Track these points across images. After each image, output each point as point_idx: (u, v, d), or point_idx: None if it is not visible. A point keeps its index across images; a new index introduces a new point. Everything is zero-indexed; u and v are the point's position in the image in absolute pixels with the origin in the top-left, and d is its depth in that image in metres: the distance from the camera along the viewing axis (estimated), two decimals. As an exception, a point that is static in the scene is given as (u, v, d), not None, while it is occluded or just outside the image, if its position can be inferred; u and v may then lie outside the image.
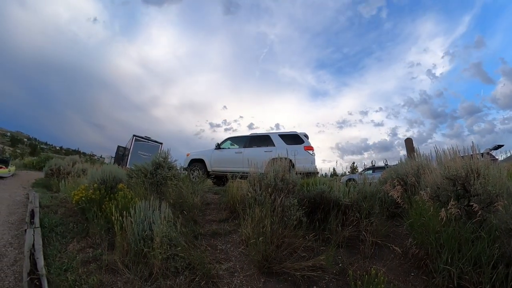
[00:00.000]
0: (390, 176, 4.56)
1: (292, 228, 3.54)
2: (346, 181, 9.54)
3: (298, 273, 2.89)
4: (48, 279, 2.90)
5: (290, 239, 3.40)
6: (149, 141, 16.78)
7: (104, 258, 3.27)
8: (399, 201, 3.77)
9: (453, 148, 3.33)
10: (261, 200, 4.01)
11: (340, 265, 3.11)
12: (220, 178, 8.90)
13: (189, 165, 9.27)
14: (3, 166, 10.30)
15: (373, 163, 15.42)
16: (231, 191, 5.01)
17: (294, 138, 8.05)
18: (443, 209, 2.75)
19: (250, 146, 8.58)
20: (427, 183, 3.30)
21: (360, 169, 21.57)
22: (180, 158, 8.37)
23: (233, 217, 4.51)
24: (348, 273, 2.75)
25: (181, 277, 2.89)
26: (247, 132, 8.42)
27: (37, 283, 2.81)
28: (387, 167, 8.67)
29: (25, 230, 4.07)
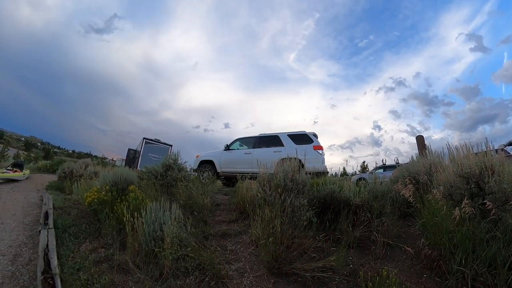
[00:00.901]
0: (401, 174, 4.50)
1: (302, 229, 3.53)
2: (357, 180, 9.44)
3: (308, 274, 2.87)
4: (61, 278, 3.00)
5: (300, 240, 3.39)
6: (159, 144, 17.08)
7: (115, 258, 3.35)
8: (411, 200, 3.71)
9: (465, 144, 3.26)
10: (270, 200, 4.02)
11: (351, 266, 3.09)
12: (230, 179, 8.96)
13: (198, 166, 9.36)
14: (18, 170, 10.63)
15: (384, 161, 15.24)
16: (241, 191, 5.04)
17: (303, 138, 8.04)
18: (456, 208, 2.69)
19: (259, 146, 8.60)
20: (440, 182, 3.24)
21: (370, 168, 21.33)
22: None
23: (243, 217, 4.54)
24: (359, 274, 2.71)
25: (191, 277, 2.92)
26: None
27: (51, 281, 2.91)
28: (398, 165, 8.56)
29: (39, 231, 4.23)
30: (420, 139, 6.04)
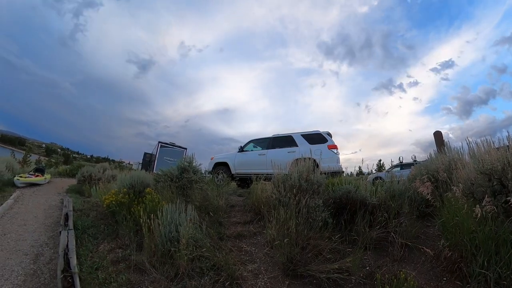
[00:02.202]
0: (419, 172, 4.38)
1: (318, 230, 3.53)
2: (373, 179, 9.26)
3: (324, 276, 2.86)
4: (80, 276, 3.15)
5: (316, 241, 3.38)
6: (174, 147, 17.45)
7: (132, 258, 3.46)
8: (430, 199, 3.59)
9: (486, 139, 3.15)
10: (285, 201, 4.03)
11: (368, 268, 3.05)
12: (244, 181, 9.01)
13: (213, 168, 9.45)
14: (40, 174, 11.08)
15: (401, 159, 14.73)
16: (256, 193, 5.07)
17: (317, 138, 7.99)
18: (477, 206, 2.59)
19: (273, 147, 8.60)
20: (460, 179, 3.15)
21: (387, 167, 20.83)
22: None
23: (258, 219, 4.56)
24: (375, 276, 2.67)
25: (206, 277, 2.97)
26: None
27: (70, 280, 3.07)
28: (416, 163, 8.32)
29: (60, 232, 4.43)
30: (438, 135, 5.84)
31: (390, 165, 12.58)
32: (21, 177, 9.76)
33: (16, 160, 15.58)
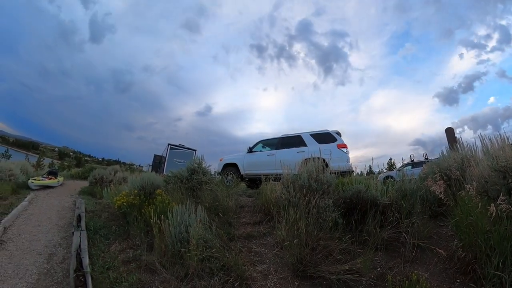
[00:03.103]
0: (431, 171, 4.30)
1: (328, 230, 3.51)
2: (384, 178, 9.14)
3: (334, 277, 2.85)
4: (92, 276, 3.24)
5: (326, 242, 3.37)
6: (183, 149, 17.71)
7: (143, 259, 3.54)
8: (443, 198, 3.53)
9: (500, 135, 3.09)
10: (295, 201, 4.04)
11: (379, 269, 3.02)
12: (254, 181, 9.04)
13: (222, 169, 9.52)
14: (53, 177, 11.43)
15: (412, 158, 14.37)
16: (265, 193, 5.09)
17: (326, 137, 7.97)
18: (492, 204, 2.53)
19: (282, 147, 8.62)
20: (473, 177, 3.09)
21: (398, 165, 20.39)
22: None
23: (268, 219, 4.56)
24: (387, 278, 2.66)
25: (216, 278, 3.00)
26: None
27: (82, 279, 3.17)
28: (428, 161, 8.16)
29: (73, 232, 4.57)
30: (449, 132, 5.68)
31: (401, 163, 12.27)
32: (35, 179, 10.09)
33: (30, 164, 16.17)
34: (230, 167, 9.40)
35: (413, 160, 14.11)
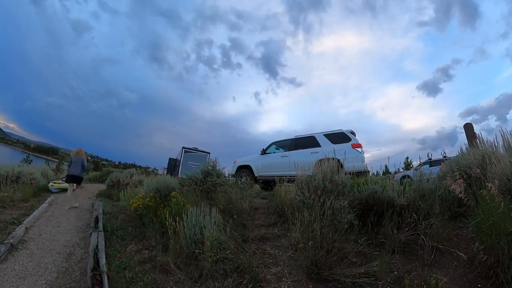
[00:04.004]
0: (450, 169, 4.12)
1: (343, 232, 3.46)
2: (401, 178, 8.93)
3: (349, 280, 2.81)
4: (108, 275, 3.40)
5: (341, 244, 3.33)
6: (197, 151, 18.02)
7: (158, 259, 3.65)
8: (463, 198, 3.36)
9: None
10: (309, 203, 4.02)
11: (396, 272, 2.95)
12: (268, 183, 9.07)
13: (236, 171, 9.60)
14: None
15: (430, 156, 13.79)
16: (279, 195, 5.09)
17: (340, 137, 7.88)
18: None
19: (295, 148, 8.59)
20: (495, 175, 2.98)
21: (415, 164, 19.69)
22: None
23: (282, 221, 4.56)
24: (404, 282, 2.60)
25: (229, 279, 3.04)
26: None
27: (99, 278, 3.32)
28: (446, 159, 7.89)
29: (91, 233, 4.78)
30: (468, 127, 5.44)
31: (418, 162, 11.82)
32: (55, 183, 10.51)
33: (50, 168, 16.79)
34: (244, 169, 9.47)
35: (430, 159, 13.58)
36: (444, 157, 11.47)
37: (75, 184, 8.20)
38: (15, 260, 3.88)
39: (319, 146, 8.01)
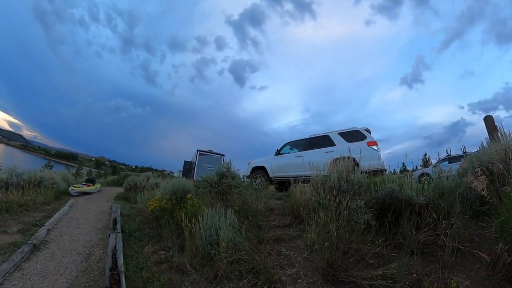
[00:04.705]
0: (470, 165, 3.94)
1: (360, 233, 3.43)
2: (419, 176, 8.68)
3: (366, 283, 2.76)
4: (125, 275, 3.52)
5: (358, 245, 3.29)
6: (212, 154, 18.36)
7: (174, 260, 3.74)
8: (485, 195, 3.21)
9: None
10: (325, 203, 4.00)
11: (414, 275, 2.87)
12: (283, 184, 9.05)
13: (251, 173, 9.66)
14: (91, 184, 12.33)
15: (449, 152, 13.22)
16: (294, 195, 5.08)
17: (355, 135, 7.79)
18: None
19: (309, 148, 8.56)
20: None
21: (433, 161, 18.94)
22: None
23: (297, 222, 4.56)
24: (423, 285, 2.55)
25: (244, 280, 3.08)
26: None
27: (117, 277, 3.43)
28: (466, 155, 7.60)
29: (109, 235, 4.96)
30: (489, 120, 5.19)
31: (437, 159, 11.35)
32: (75, 187, 10.92)
33: (70, 173, 17.50)
34: (259, 170, 9.52)
35: (450, 155, 13.04)
36: (464, 152, 11.06)
37: None
38: (37, 259, 4.06)
39: (334, 145, 7.95)
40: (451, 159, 12.52)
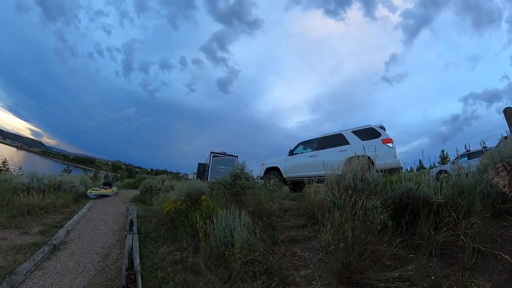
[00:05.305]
0: (491, 161, 3.78)
1: (376, 234, 3.37)
2: (437, 173, 8.40)
3: (383, 285, 2.73)
4: (141, 275, 3.64)
5: (374, 246, 3.24)
6: (225, 156, 18.60)
7: (189, 260, 3.82)
8: (507, 192, 3.07)
9: None
10: (340, 203, 3.96)
11: (433, 277, 2.80)
12: (297, 184, 9.02)
13: (265, 173, 9.65)
14: (108, 187, 12.69)
15: (468, 147, 12.65)
16: (309, 196, 5.07)
17: (369, 132, 7.67)
18: None
19: (323, 147, 8.49)
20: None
21: (451, 157, 18.21)
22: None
23: (312, 223, 4.53)
24: (442, 287, 2.50)
25: (259, 281, 3.10)
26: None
27: (133, 277, 3.54)
28: (486, 149, 7.30)
29: (126, 236, 5.11)
30: (508, 112, 4.95)
31: (456, 155, 10.85)
32: (92, 190, 11.28)
33: (88, 177, 18.07)
34: (272, 171, 9.51)
35: (469, 150, 12.51)
36: (484, 147, 10.65)
37: None
38: (57, 259, 4.26)
39: (348, 143, 7.85)
40: (470, 154, 12.03)
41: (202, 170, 20.11)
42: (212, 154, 18.07)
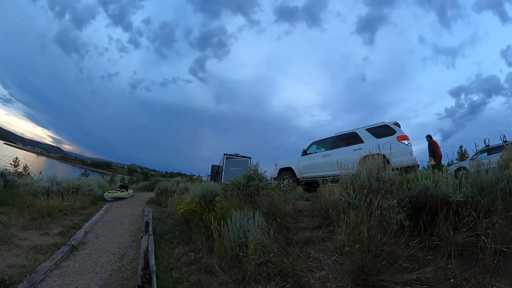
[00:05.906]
0: None
1: (392, 234, 3.30)
2: (455, 170, 8.14)
3: (399, 287, 2.67)
4: (157, 275, 3.73)
5: (390, 247, 3.18)
6: (238, 157, 18.79)
7: (203, 261, 3.88)
8: None
9: None
10: (355, 203, 3.90)
11: (452, 280, 2.71)
12: (311, 184, 8.89)
13: (278, 174, 9.65)
14: (124, 190, 13.04)
15: (487, 142, 12.12)
16: (323, 196, 5.04)
17: (384, 130, 7.54)
18: None
19: (337, 147, 8.42)
20: None
21: (471, 153, 17.48)
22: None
23: (327, 223, 4.49)
24: (462, 291, 2.42)
25: (272, 283, 3.11)
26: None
27: (148, 277, 3.64)
28: (507, 144, 7.01)
29: (141, 237, 5.27)
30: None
31: (475, 150, 10.40)
32: (109, 192, 11.61)
33: (105, 180, 18.56)
34: (286, 172, 9.51)
35: (488, 145, 12.04)
36: (504, 141, 10.25)
37: None
38: (75, 259, 4.42)
39: (362, 142, 7.75)
40: (490, 150, 11.57)
41: (215, 172, 20.37)
42: (225, 155, 18.27)
